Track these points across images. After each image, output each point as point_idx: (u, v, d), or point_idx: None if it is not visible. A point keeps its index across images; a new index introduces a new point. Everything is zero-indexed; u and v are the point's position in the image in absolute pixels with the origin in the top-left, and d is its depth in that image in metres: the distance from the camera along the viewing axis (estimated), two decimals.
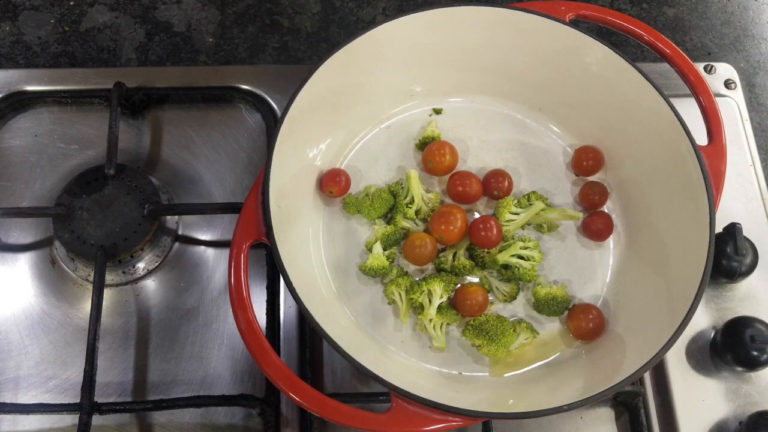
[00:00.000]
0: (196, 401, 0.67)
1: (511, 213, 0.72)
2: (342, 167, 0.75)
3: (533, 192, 0.74)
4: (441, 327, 0.68)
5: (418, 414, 0.58)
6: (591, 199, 0.74)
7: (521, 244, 0.71)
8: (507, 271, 0.71)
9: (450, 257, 0.71)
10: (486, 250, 0.71)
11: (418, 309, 0.69)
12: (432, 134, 0.76)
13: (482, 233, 0.70)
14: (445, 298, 0.69)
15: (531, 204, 0.73)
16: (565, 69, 0.74)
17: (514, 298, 0.71)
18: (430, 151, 0.74)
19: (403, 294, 0.69)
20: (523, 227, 0.73)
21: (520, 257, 0.70)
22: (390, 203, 0.73)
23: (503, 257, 0.70)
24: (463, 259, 0.71)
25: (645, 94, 0.69)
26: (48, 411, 0.66)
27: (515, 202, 0.73)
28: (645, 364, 0.59)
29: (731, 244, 0.72)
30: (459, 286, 0.70)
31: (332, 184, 0.72)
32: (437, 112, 0.78)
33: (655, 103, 0.69)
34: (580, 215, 0.73)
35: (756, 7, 0.94)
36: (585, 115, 0.76)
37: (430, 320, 0.68)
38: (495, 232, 0.70)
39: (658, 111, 0.69)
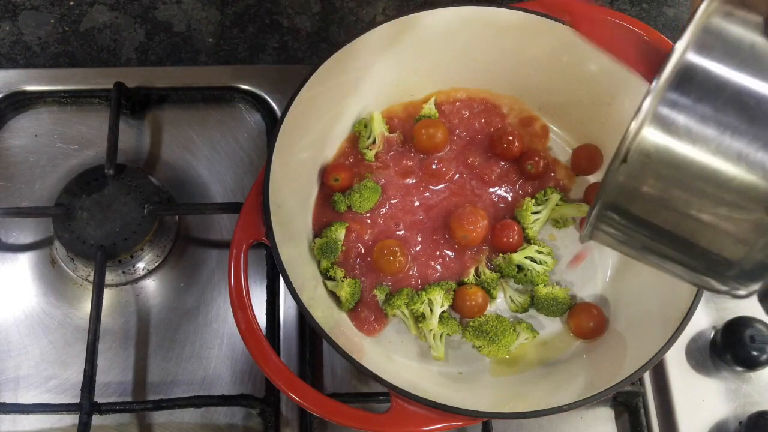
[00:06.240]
0: (196, 401, 0.67)
1: (533, 213, 0.72)
2: None
3: (549, 187, 0.74)
4: (441, 337, 0.68)
5: (418, 414, 0.58)
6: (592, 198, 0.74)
7: (536, 248, 0.71)
8: (519, 273, 0.71)
9: (472, 271, 0.71)
10: (502, 254, 0.71)
11: (420, 318, 0.68)
12: (429, 113, 0.76)
13: (504, 239, 0.71)
14: (446, 306, 0.69)
15: (547, 199, 0.73)
16: (565, 68, 0.74)
17: (526, 310, 0.71)
18: (418, 128, 0.75)
19: (406, 311, 0.68)
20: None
21: (534, 260, 0.70)
22: (378, 192, 0.72)
23: (518, 257, 0.70)
24: (488, 273, 0.71)
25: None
26: (48, 411, 0.66)
27: (533, 201, 0.73)
28: (645, 364, 0.59)
29: None
30: (458, 288, 0.70)
31: (338, 170, 0.73)
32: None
33: None
34: None
35: None
36: (585, 114, 0.76)
37: (431, 330, 0.68)
38: (516, 237, 0.71)
39: None
